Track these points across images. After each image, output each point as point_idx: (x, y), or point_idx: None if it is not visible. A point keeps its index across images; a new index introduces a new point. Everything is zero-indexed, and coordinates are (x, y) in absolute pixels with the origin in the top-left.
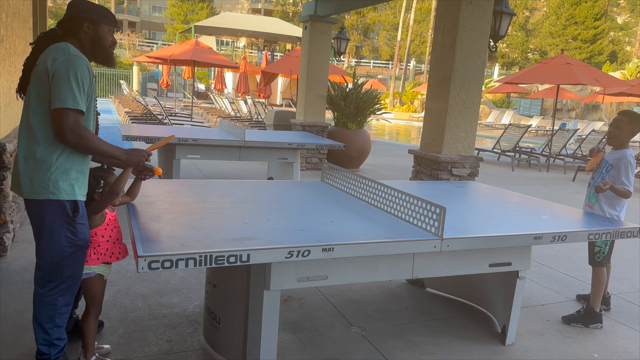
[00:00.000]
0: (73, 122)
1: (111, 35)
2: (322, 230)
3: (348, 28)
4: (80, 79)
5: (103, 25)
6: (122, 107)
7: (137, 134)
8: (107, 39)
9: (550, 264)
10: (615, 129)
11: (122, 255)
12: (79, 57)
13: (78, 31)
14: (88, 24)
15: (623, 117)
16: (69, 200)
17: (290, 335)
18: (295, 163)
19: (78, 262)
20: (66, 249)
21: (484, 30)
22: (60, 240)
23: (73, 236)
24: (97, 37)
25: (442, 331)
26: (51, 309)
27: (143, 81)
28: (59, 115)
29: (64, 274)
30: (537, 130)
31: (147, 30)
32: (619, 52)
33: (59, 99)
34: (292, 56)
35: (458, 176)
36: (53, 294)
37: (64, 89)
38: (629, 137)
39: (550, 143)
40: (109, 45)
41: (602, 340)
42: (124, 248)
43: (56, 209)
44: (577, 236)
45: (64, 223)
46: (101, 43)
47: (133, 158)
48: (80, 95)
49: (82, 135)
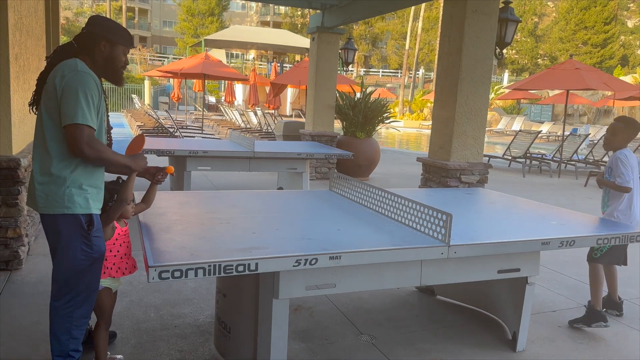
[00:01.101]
0: (87, 135)
1: (125, 56)
2: (329, 238)
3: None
4: (89, 95)
5: (119, 46)
6: (134, 120)
7: (148, 147)
8: (120, 60)
9: (561, 269)
10: (612, 136)
11: (130, 270)
12: (87, 74)
13: (94, 48)
14: (105, 42)
15: (619, 124)
16: (84, 214)
17: (301, 344)
18: (304, 173)
19: (94, 274)
20: (82, 262)
21: (490, 38)
22: (76, 254)
23: (89, 249)
24: (112, 57)
25: (452, 338)
26: (67, 321)
27: (155, 95)
28: (73, 131)
29: (80, 286)
30: (549, 136)
31: (158, 44)
32: (630, 56)
33: (69, 115)
34: (300, 67)
35: (467, 183)
36: (69, 306)
37: (73, 105)
38: (625, 143)
39: (561, 148)
40: (121, 66)
41: (615, 346)
42: (132, 263)
43: (72, 223)
44: (586, 241)
45: (79, 237)
46: (114, 63)
47: (139, 162)
48: (89, 111)
49: (98, 149)
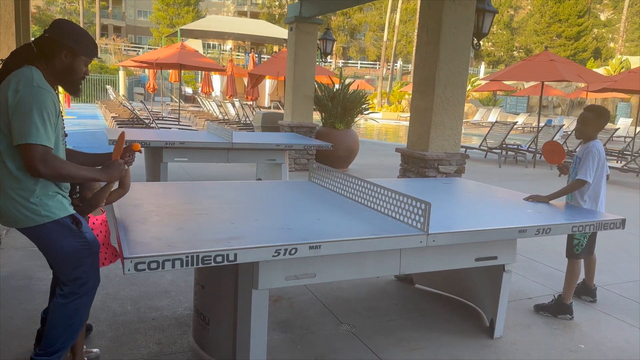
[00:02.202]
0: (42, 154)
1: (86, 66)
2: (309, 228)
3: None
4: (45, 113)
5: (81, 57)
6: (109, 112)
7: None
8: (80, 72)
9: (536, 257)
10: (582, 126)
11: (110, 259)
12: (43, 90)
13: (54, 57)
14: (67, 52)
15: (589, 114)
16: (66, 216)
17: (281, 335)
18: (283, 164)
19: (97, 267)
20: (86, 260)
21: (467, 28)
22: (77, 254)
23: (87, 246)
24: (71, 68)
25: (431, 326)
26: (72, 318)
27: (129, 86)
28: (26, 151)
29: (88, 285)
30: (524, 127)
31: (133, 34)
32: (603, 49)
33: (22, 134)
34: (278, 58)
35: (445, 173)
36: (77, 304)
37: (27, 124)
38: (596, 131)
39: (536, 139)
40: (80, 77)
41: (588, 332)
42: (112, 251)
43: (58, 228)
44: (561, 229)
45: (72, 237)
46: (73, 74)
47: (114, 173)
48: (44, 130)
49: (54, 167)
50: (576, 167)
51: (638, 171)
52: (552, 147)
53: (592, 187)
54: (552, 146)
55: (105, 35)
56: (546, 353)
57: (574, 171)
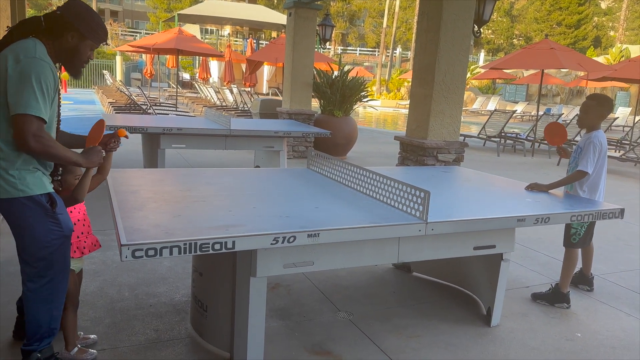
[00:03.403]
0: (36, 128)
1: (91, 51)
2: (307, 216)
3: (334, 15)
4: (44, 86)
5: (88, 41)
6: (106, 97)
7: (120, 123)
8: (85, 55)
9: (534, 246)
10: (584, 114)
11: (89, 249)
12: (44, 62)
13: (61, 35)
14: (74, 33)
15: (592, 102)
16: (43, 194)
17: (278, 322)
18: (281, 151)
19: (66, 251)
20: (54, 242)
21: (468, 16)
22: (46, 235)
23: (58, 228)
24: (77, 50)
25: (428, 314)
26: (49, 302)
27: (126, 71)
28: (21, 122)
29: (55, 266)
30: (523, 115)
31: (130, 19)
32: (603, 37)
33: (20, 104)
34: (277, 44)
35: (444, 162)
36: (49, 287)
37: (26, 94)
38: (599, 120)
39: (535, 128)
40: (83, 60)
41: (585, 320)
42: (92, 241)
43: (31, 205)
44: (560, 218)
45: (44, 216)
46: (77, 57)
47: (93, 159)
48: (43, 102)
49: (45, 143)
50: (577, 156)
51: (636, 160)
52: (554, 127)
53: (592, 178)
54: (555, 127)
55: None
56: (543, 341)
57: (575, 161)
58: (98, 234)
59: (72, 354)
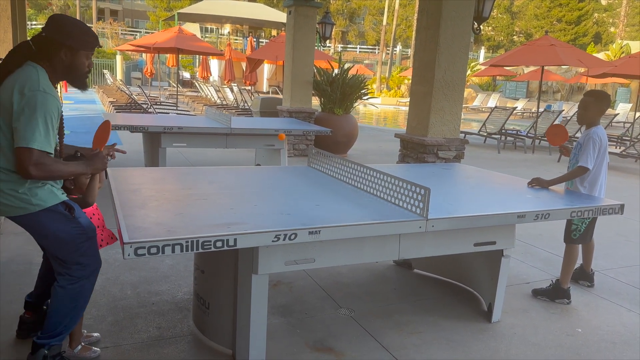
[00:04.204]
0: (36, 157)
1: (89, 59)
2: (308, 213)
3: (333, 13)
4: (49, 119)
5: (81, 52)
6: (106, 97)
7: (121, 122)
8: (83, 66)
9: (535, 243)
10: (583, 111)
11: (107, 241)
12: (49, 95)
13: (54, 57)
14: (66, 50)
15: (589, 98)
16: (58, 203)
17: (280, 319)
18: (282, 149)
19: (95, 252)
20: (81, 245)
21: (468, 13)
22: (73, 239)
23: (82, 231)
24: (73, 64)
25: (429, 310)
26: (74, 301)
27: (127, 70)
28: (24, 154)
29: (89, 269)
30: (523, 112)
31: (130, 18)
32: (603, 34)
33: (25, 138)
34: (277, 42)
35: (444, 159)
36: (79, 286)
37: (31, 129)
38: (598, 116)
39: (535, 125)
40: (85, 72)
41: (586, 316)
42: (108, 234)
43: (51, 215)
44: (560, 214)
45: (66, 223)
46: (76, 70)
47: (97, 165)
48: (46, 136)
49: (46, 169)
50: (577, 153)
51: (637, 157)
52: (556, 130)
53: (592, 174)
54: (557, 129)
55: (102, 19)
56: (543, 337)
57: (575, 157)
58: None
59: (75, 351)
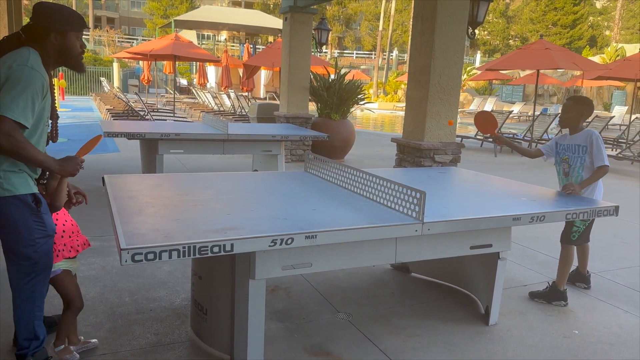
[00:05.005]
0: (9, 128)
1: (80, 40)
2: (305, 218)
3: (330, 19)
4: (31, 95)
5: (71, 34)
6: (103, 104)
7: (119, 130)
8: (75, 47)
9: (531, 245)
10: (564, 114)
11: (81, 247)
12: (36, 72)
13: (44, 41)
14: (55, 34)
15: (569, 102)
16: (28, 193)
17: (278, 324)
18: (279, 155)
19: (49, 251)
20: (39, 242)
21: (462, 17)
22: (30, 233)
23: (42, 228)
24: (65, 46)
25: (427, 314)
26: (31, 302)
27: (124, 78)
28: None
29: (40, 266)
30: (520, 116)
31: (127, 25)
32: (598, 37)
33: (2, 105)
34: (273, 48)
35: (440, 163)
36: (31, 286)
37: (11, 97)
38: (580, 119)
39: (531, 128)
40: (78, 53)
41: (582, 318)
42: (82, 240)
43: (17, 204)
44: (555, 216)
45: (30, 216)
46: (70, 52)
47: (67, 168)
48: (24, 109)
49: (15, 143)
50: (581, 155)
51: (633, 159)
52: (483, 116)
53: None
54: (484, 116)
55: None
56: (541, 339)
57: (579, 160)
58: (97, 240)
59: (56, 350)
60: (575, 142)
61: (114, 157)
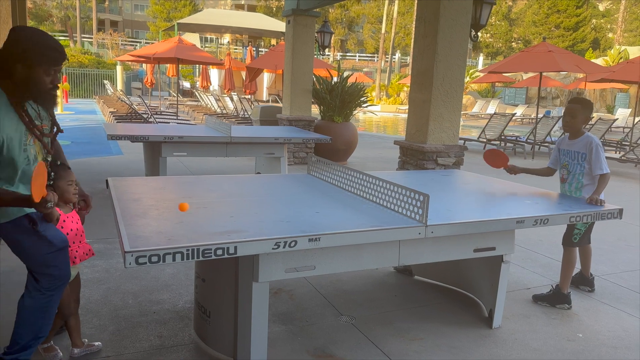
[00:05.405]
0: None
1: (50, 76)
2: (308, 221)
3: (332, 21)
4: None
5: (38, 68)
6: (107, 107)
7: (122, 132)
8: (42, 83)
9: (535, 248)
10: (571, 118)
11: (80, 258)
12: None
13: (10, 70)
14: (21, 65)
15: (576, 105)
16: (22, 216)
17: (281, 326)
18: (282, 158)
19: (64, 264)
20: (48, 257)
21: (465, 20)
22: (39, 250)
23: (48, 244)
24: (30, 80)
25: (430, 317)
26: (44, 312)
27: (127, 80)
28: None
29: (57, 280)
30: (522, 118)
31: (130, 29)
32: (602, 39)
33: None
34: (276, 51)
35: (443, 165)
36: (48, 297)
37: None
38: (583, 124)
39: (534, 131)
40: (47, 88)
41: (587, 321)
42: (84, 250)
43: (15, 228)
44: (559, 219)
45: (31, 236)
46: (34, 86)
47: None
48: None
49: None
50: (580, 162)
51: (636, 161)
52: (493, 154)
53: (592, 180)
54: (494, 154)
55: (102, 30)
56: (544, 342)
57: (579, 167)
58: (101, 242)
59: (40, 348)
60: (574, 148)
61: (118, 159)
